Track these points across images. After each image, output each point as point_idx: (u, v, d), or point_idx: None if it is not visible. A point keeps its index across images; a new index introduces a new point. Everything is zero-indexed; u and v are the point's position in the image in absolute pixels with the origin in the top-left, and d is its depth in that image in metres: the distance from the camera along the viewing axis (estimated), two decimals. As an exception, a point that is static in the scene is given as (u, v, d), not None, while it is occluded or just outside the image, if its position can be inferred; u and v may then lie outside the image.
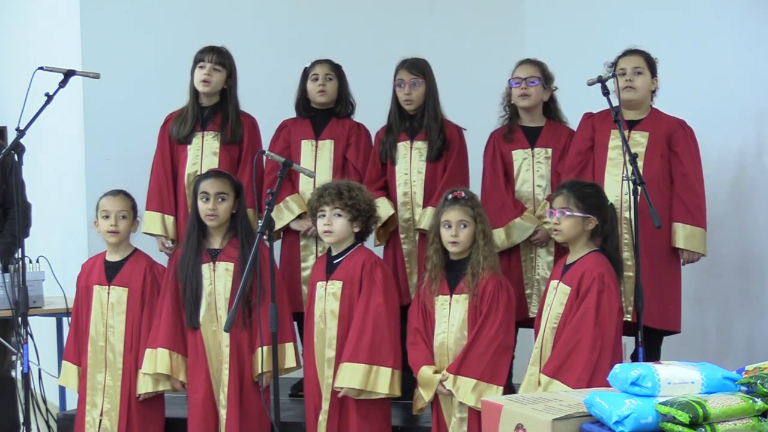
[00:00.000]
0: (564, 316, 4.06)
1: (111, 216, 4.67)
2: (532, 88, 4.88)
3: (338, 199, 4.42)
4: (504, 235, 4.79)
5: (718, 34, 5.24)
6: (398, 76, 5.00)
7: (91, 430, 4.63)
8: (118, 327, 4.65)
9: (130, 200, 4.74)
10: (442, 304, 4.35)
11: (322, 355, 4.44)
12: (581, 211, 4.08)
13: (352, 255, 4.49)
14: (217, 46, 5.06)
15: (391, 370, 4.32)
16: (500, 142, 4.96)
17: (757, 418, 2.68)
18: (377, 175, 5.06)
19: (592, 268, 4.05)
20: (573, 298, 4.05)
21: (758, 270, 5.01)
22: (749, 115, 5.05)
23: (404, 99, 4.97)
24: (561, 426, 2.76)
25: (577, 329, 3.99)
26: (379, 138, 5.09)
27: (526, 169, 4.92)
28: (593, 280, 4.01)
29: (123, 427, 4.61)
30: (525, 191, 4.92)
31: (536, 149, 4.92)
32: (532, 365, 4.16)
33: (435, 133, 4.95)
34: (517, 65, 4.98)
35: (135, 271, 4.70)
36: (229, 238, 4.61)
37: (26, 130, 4.49)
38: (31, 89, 4.44)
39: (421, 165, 4.98)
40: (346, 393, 4.33)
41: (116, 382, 4.63)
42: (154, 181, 5.07)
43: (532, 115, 4.96)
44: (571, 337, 3.99)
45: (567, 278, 4.11)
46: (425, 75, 4.98)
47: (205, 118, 5.06)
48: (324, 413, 4.42)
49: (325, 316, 4.45)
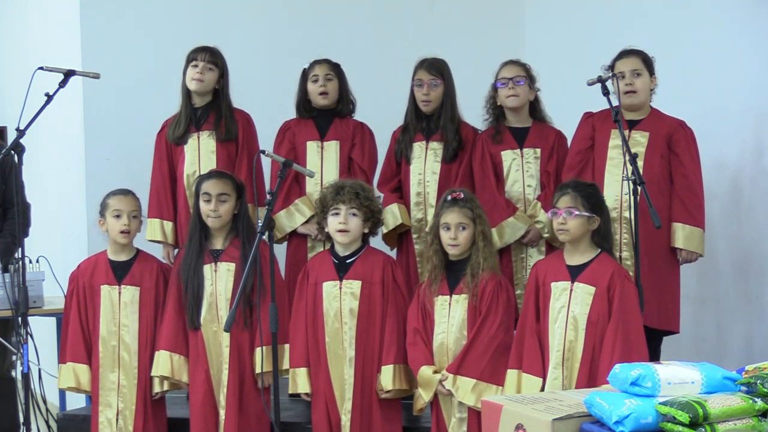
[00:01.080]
0: (591, 316, 4.03)
1: (123, 216, 4.64)
2: (519, 87, 4.88)
3: (355, 198, 4.43)
4: (496, 236, 4.79)
5: (718, 34, 5.24)
6: (417, 76, 5.00)
7: (106, 430, 4.62)
8: (132, 326, 4.65)
9: (137, 200, 4.74)
10: (441, 304, 4.35)
11: (337, 354, 4.44)
12: (587, 210, 4.08)
13: (366, 255, 4.51)
14: (209, 46, 5.07)
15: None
16: (488, 144, 4.95)
17: (757, 418, 2.68)
18: (391, 175, 5.08)
19: (617, 268, 4.08)
20: (600, 298, 4.03)
21: (758, 270, 5.01)
22: (749, 116, 5.05)
23: (422, 99, 4.98)
24: (561, 426, 2.77)
25: (631, 333, 3.96)
26: (395, 137, 5.10)
27: (516, 169, 4.92)
28: (624, 279, 4.04)
29: (140, 426, 4.60)
30: (516, 191, 4.92)
31: (525, 149, 4.93)
32: (555, 368, 4.09)
33: (451, 134, 4.96)
34: (501, 66, 4.98)
35: (146, 270, 4.70)
36: (231, 238, 4.61)
37: (26, 130, 4.49)
38: (31, 89, 4.44)
39: (436, 166, 4.98)
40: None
41: (131, 381, 4.61)
42: (152, 188, 5.10)
43: (519, 116, 4.96)
44: (628, 343, 3.94)
45: (586, 279, 4.08)
46: (444, 76, 4.99)
47: (199, 117, 5.06)
48: (347, 413, 4.43)
49: (341, 315, 4.45)
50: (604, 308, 4.02)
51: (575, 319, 4.07)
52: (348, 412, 4.43)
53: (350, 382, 4.43)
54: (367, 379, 4.44)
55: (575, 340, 4.06)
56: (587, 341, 4.04)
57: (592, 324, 4.03)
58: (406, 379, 4.43)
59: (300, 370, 4.49)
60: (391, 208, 4.96)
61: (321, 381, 4.47)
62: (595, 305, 4.04)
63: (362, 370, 4.44)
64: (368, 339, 4.45)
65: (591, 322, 4.03)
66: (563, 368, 4.07)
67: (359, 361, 4.43)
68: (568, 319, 4.08)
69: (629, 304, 4.00)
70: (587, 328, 4.04)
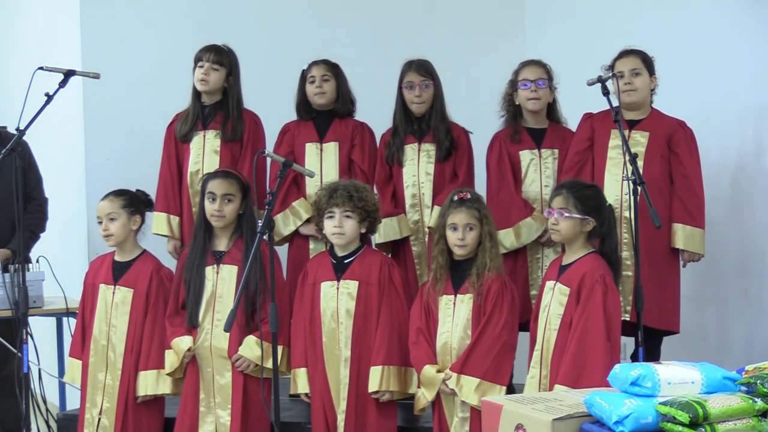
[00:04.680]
0: (565, 317, 4.05)
1: (103, 221, 4.66)
2: (541, 90, 4.87)
3: (348, 201, 4.42)
4: (513, 236, 4.78)
5: (717, 33, 5.24)
6: (407, 78, 4.99)
7: (90, 428, 4.63)
8: (121, 327, 4.65)
9: (120, 200, 4.67)
10: (446, 303, 4.35)
11: (333, 354, 4.45)
12: (579, 212, 4.07)
13: (363, 255, 4.51)
14: (217, 45, 5.06)
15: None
16: (507, 143, 4.94)
17: (757, 418, 2.68)
18: (386, 178, 5.07)
19: (593, 270, 4.04)
20: (573, 299, 4.04)
21: (758, 270, 5.01)
22: (749, 115, 5.05)
23: (415, 101, 4.97)
24: (561, 426, 2.77)
25: (588, 334, 3.94)
26: (385, 141, 5.08)
27: (534, 169, 4.91)
28: (595, 282, 4.00)
29: (119, 427, 4.60)
30: (533, 191, 4.92)
31: (543, 150, 4.92)
32: (533, 367, 4.15)
33: (443, 134, 4.96)
34: (522, 66, 4.96)
35: (141, 273, 4.69)
36: (235, 239, 4.59)
37: (26, 130, 4.49)
38: (31, 89, 4.44)
39: (430, 167, 4.98)
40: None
41: (116, 381, 4.62)
42: (160, 182, 5.11)
43: (538, 117, 4.96)
44: (583, 343, 3.94)
45: (565, 279, 4.10)
46: (433, 76, 4.99)
47: (206, 116, 5.06)
48: (342, 413, 4.43)
49: (338, 316, 4.45)
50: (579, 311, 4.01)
51: (550, 320, 4.08)
52: (343, 412, 4.43)
53: (345, 382, 4.43)
54: (363, 380, 4.43)
55: (550, 339, 4.08)
56: (558, 341, 4.04)
57: (565, 324, 4.04)
58: (396, 380, 4.41)
59: (300, 371, 4.50)
60: (391, 223, 4.94)
61: (318, 381, 4.47)
62: (568, 306, 4.04)
63: (357, 371, 4.44)
64: (364, 339, 4.45)
65: (564, 323, 4.04)
66: (541, 367, 4.10)
67: (355, 362, 4.43)
68: (547, 319, 4.11)
69: (591, 306, 3.97)
70: (560, 329, 4.05)
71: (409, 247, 5.03)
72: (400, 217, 4.98)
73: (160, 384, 4.60)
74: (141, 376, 4.61)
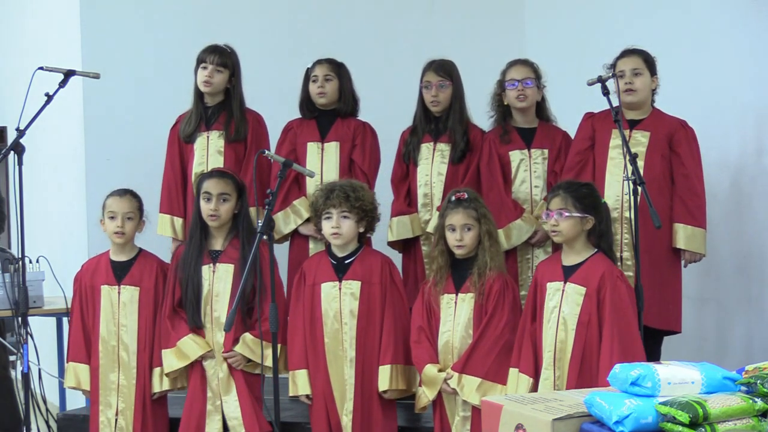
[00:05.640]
0: (581, 317, 4.02)
1: (118, 217, 4.64)
2: (529, 89, 4.88)
3: (345, 201, 4.42)
4: (503, 237, 4.78)
5: (718, 34, 5.24)
6: (425, 78, 4.99)
7: (106, 429, 4.62)
8: (131, 326, 4.65)
9: (136, 201, 4.72)
10: (447, 302, 4.36)
11: (337, 354, 4.44)
12: (579, 211, 4.07)
13: (363, 255, 4.52)
14: (220, 46, 5.06)
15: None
16: (496, 144, 4.94)
17: (757, 418, 2.68)
18: (402, 175, 5.07)
19: (609, 268, 4.05)
20: (591, 299, 4.02)
21: (758, 270, 5.01)
22: (749, 115, 5.05)
23: (431, 101, 4.97)
24: (561, 426, 2.76)
25: (626, 330, 3.95)
26: (404, 139, 5.09)
27: (524, 169, 4.91)
28: (617, 279, 4.02)
29: (139, 426, 4.61)
30: (523, 191, 4.92)
31: (533, 150, 4.92)
32: (546, 369, 4.10)
33: (459, 135, 4.95)
34: (509, 66, 4.96)
35: (145, 270, 4.69)
36: (231, 239, 4.60)
37: (26, 130, 4.49)
38: (31, 89, 4.44)
39: (443, 167, 4.97)
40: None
41: (130, 381, 4.62)
42: (164, 184, 5.12)
43: (527, 116, 4.96)
44: (623, 338, 3.93)
45: (578, 279, 4.07)
46: (452, 77, 4.99)
47: (210, 117, 5.06)
48: (348, 413, 4.43)
49: (341, 316, 4.45)
50: (595, 309, 4.01)
51: (566, 320, 4.07)
52: (349, 412, 4.43)
53: (351, 382, 4.43)
54: (368, 379, 4.44)
55: (566, 340, 4.06)
56: (577, 342, 4.03)
57: (582, 324, 4.03)
58: (403, 379, 4.43)
59: (300, 372, 4.49)
60: (404, 221, 4.96)
61: (320, 382, 4.47)
62: (585, 306, 4.03)
63: (362, 371, 4.44)
64: (368, 339, 4.45)
65: (581, 323, 4.03)
66: (554, 368, 4.08)
67: (359, 362, 4.43)
68: (559, 320, 4.09)
69: (621, 304, 3.99)
70: (577, 329, 4.03)
71: (420, 246, 5.03)
72: (413, 215, 4.98)
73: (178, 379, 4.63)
74: (155, 374, 4.60)
